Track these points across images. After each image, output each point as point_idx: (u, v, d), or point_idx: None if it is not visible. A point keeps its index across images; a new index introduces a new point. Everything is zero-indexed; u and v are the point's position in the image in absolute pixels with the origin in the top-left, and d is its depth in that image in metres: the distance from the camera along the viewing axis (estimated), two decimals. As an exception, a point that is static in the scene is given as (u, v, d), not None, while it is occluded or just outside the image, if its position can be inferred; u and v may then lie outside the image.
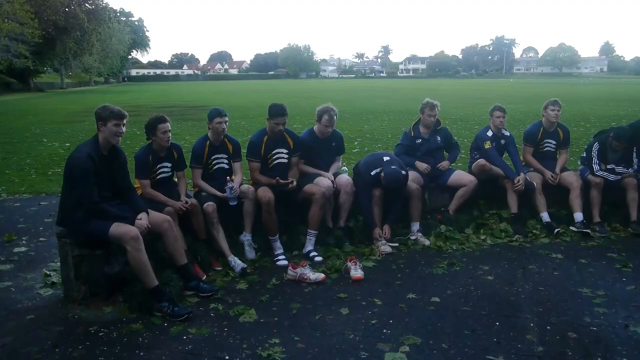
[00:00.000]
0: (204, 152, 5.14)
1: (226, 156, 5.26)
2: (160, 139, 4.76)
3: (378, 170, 5.39)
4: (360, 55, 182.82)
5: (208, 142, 5.17)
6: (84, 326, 3.80)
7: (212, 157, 5.18)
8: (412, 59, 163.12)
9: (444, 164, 6.02)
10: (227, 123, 5.15)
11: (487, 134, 6.14)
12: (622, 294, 4.25)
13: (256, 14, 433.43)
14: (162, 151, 4.88)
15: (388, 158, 5.49)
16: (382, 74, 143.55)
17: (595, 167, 5.95)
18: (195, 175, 5.16)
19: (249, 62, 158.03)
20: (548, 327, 3.69)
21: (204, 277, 4.58)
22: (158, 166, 4.90)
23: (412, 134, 6.10)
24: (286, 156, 5.40)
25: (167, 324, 3.80)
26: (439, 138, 6.13)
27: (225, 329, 3.72)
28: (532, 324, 3.74)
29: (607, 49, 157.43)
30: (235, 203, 4.99)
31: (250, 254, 5.09)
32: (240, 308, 4.03)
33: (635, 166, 5.93)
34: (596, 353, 3.34)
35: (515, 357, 3.30)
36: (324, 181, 5.38)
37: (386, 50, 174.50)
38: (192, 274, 4.38)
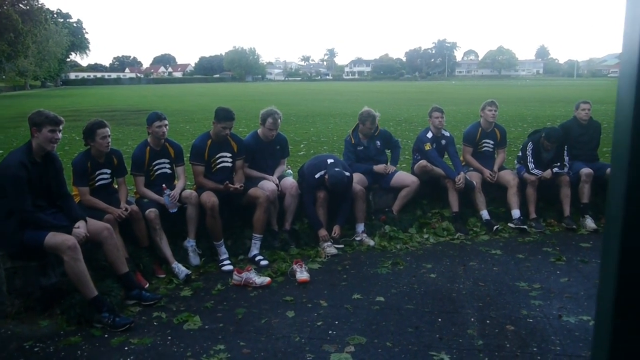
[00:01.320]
0: (144, 159, 5.03)
1: (168, 161, 5.16)
2: (99, 144, 4.63)
3: (322, 172, 5.43)
4: (306, 58, 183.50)
5: (148, 147, 5.06)
6: (17, 342, 3.64)
7: (154, 163, 5.08)
8: (358, 61, 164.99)
9: (390, 168, 6.09)
10: (168, 127, 5.06)
11: (427, 135, 6.29)
12: (556, 286, 4.44)
13: (200, 16, 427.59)
14: (101, 157, 4.75)
15: (332, 160, 5.53)
16: (328, 77, 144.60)
17: (531, 165, 6.19)
18: (137, 183, 5.04)
19: (193, 65, 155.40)
20: (487, 321, 3.81)
21: (147, 285, 4.48)
22: (97, 172, 4.76)
23: (353, 141, 6.16)
24: (230, 160, 5.36)
25: (108, 335, 3.69)
26: (378, 143, 6.21)
27: (169, 338, 3.65)
28: (472, 319, 3.85)
29: (542, 52, 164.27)
30: (175, 210, 4.91)
31: (195, 260, 5.01)
32: (184, 315, 3.96)
33: (567, 164, 6.21)
34: (532, 343, 3.48)
35: (456, 351, 3.39)
36: (268, 185, 5.37)
37: (332, 53, 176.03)
38: (134, 283, 4.27)
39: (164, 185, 4.93)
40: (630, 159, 0.85)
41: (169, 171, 5.17)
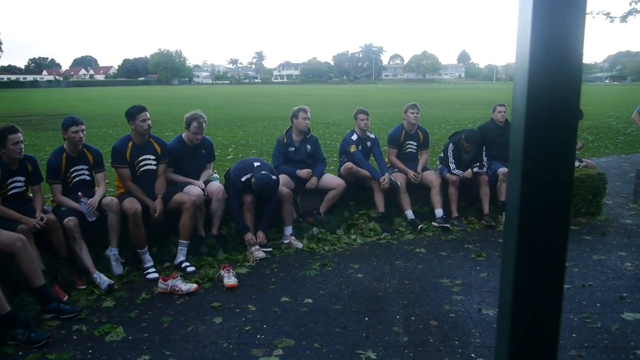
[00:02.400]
0: (60, 165, 4.80)
1: (87, 167, 4.96)
2: (10, 150, 4.38)
3: (249, 176, 5.40)
4: (234, 61, 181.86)
5: (65, 153, 4.83)
6: None
7: (71, 170, 4.86)
8: (286, 65, 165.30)
9: (312, 181, 6.09)
10: (85, 132, 4.86)
11: (352, 137, 6.40)
12: (477, 281, 4.63)
13: (123, 16, 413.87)
14: (13, 164, 4.49)
15: (259, 164, 5.51)
16: (256, 80, 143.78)
17: (452, 166, 6.43)
18: (54, 192, 4.80)
19: (116, 67, 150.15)
20: (412, 318, 3.92)
21: (65, 297, 4.27)
22: (9, 180, 4.50)
23: (285, 141, 6.18)
24: (154, 162, 5.21)
25: (23, 352, 3.49)
26: (309, 146, 6.26)
27: (90, 351, 3.50)
28: (398, 316, 3.95)
29: (464, 57, 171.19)
30: (94, 219, 4.72)
31: (117, 269, 4.83)
32: (107, 327, 3.81)
33: (485, 164, 6.49)
34: (454, 337, 3.61)
35: (382, 349, 3.46)
36: (194, 189, 5.28)
37: (260, 56, 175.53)
38: (52, 295, 4.06)
39: (80, 193, 4.73)
40: (524, 158, 0.91)
41: (87, 178, 4.96)
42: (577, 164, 7.08)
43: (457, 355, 3.39)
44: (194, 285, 4.49)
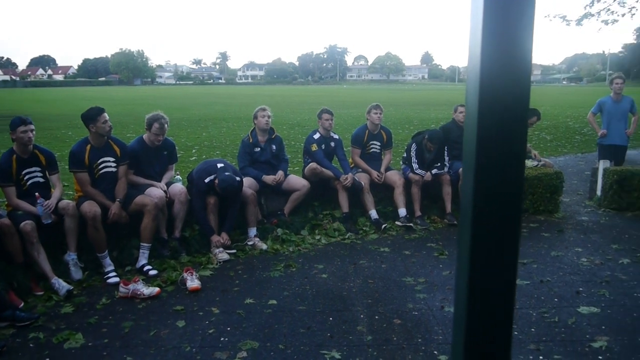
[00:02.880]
0: (11, 168, 4.64)
1: (39, 169, 4.81)
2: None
3: (212, 177, 5.34)
4: (197, 62, 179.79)
5: (14, 155, 4.67)
6: None
7: (24, 172, 4.71)
8: (251, 65, 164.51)
9: (278, 176, 6.08)
10: (34, 132, 4.69)
11: (314, 136, 6.43)
12: (439, 279, 4.69)
13: (83, 16, 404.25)
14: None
15: (222, 165, 5.47)
16: (220, 81, 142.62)
17: (415, 166, 6.50)
18: (8, 195, 4.65)
19: (76, 67, 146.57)
20: (376, 317, 3.95)
21: (22, 304, 4.14)
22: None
23: (251, 141, 6.15)
24: (114, 165, 5.10)
25: (-24, 361, 3.38)
26: (274, 147, 6.24)
27: (47, 359, 3.41)
28: (362, 316, 3.97)
29: (427, 58, 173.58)
30: (49, 221, 4.59)
31: (77, 274, 4.71)
32: (65, 334, 3.71)
33: (447, 164, 6.59)
34: (417, 335, 3.66)
35: (346, 348, 3.48)
36: (155, 191, 5.19)
37: (224, 56, 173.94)
38: (6, 303, 3.94)
39: (37, 193, 4.60)
40: (476, 158, 0.92)
41: (42, 180, 4.82)
42: (535, 163, 7.25)
43: (420, 353, 3.43)
44: (156, 289, 4.42)
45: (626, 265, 5.03)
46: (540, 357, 3.35)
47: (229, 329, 3.79)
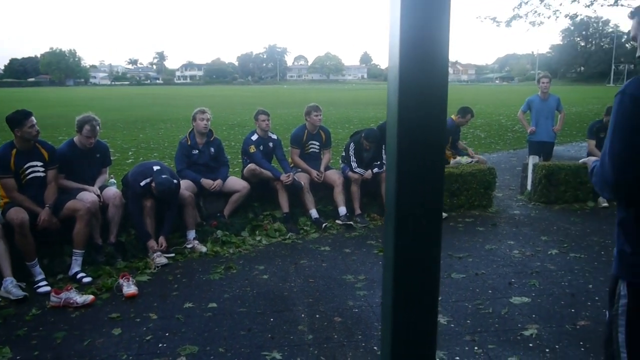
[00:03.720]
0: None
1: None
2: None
3: (148, 180, 5.21)
4: (134, 62, 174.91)
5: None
6: None
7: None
8: (189, 65, 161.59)
9: (218, 182, 5.98)
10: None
11: (252, 138, 6.39)
12: (379, 276, 4.76)
13: (9, 14, 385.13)
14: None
15: (158, 167, 5.34)
16: (158, 81, 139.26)
17: (354, 164, 6.58)
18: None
19: (2, 67, 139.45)
20: (317, 316, 3.97)
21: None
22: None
23: (189, 143, 6.03)
24: (42, 169, 4.86)
25: None
26: (212, 149, 6.14)
27: (-29, 375, 3.23)
28: (303, 315, 3.98)
29: (366, 58, 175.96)
30: None
31: (18, 293, 4.44)
32: (-9, 347, 3.53)
33: (385, 162, 6.70)
34: (357, 332, 3.70)
35: (287, 349, 3.47)
36: (88, 196, 5.01)
37: (161, 56, 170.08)
38: None
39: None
40: (398, 155, 0.94)
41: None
42: (469, 160, 7.49)
43: (360, 349, 3.47)
44: (90, 297, 4.26)
45: (554, 255, 5.27)
46: (476, 348, 3.47)
47: (167, 334, 3.70)
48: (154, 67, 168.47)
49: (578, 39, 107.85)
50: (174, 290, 4.52)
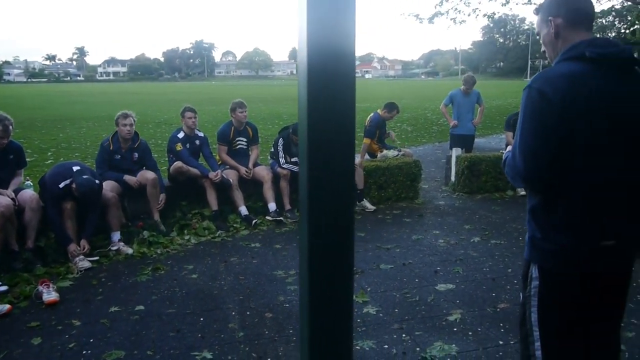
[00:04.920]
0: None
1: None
2: None
3: (68, 181, 4.99)
4: (51, 57, 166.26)
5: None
6: None
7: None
8: (112, 61, 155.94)
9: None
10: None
11: (178, 135, 6.26)
12: (309, 270, 4.79)
13: None
14: None
15: (78, 167, 5.12)
16: (79, 78, 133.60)
17: (282, 160, 6.58)
18: None
19: None
20: (248, 312, 3.95)
21: None
22: None
23: (112, 147, 5.79)
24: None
25: None
26: (136, 154, 5.92)
27: None
28: (233, 313, 3.95)
29: (295, 54, 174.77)
30: None
31: None
32: None
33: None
34: (289, 327, 3.71)
35: (218, 347, 3.44)
36: (1, 199, 4.73)
37: (82, 51, 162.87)
38: None
39: None
40: (308, 149, 0.95)
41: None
42: (395, 153, 7.67)
43: (291, 344, 3.48)
44: (7, 306, 4.03)
45: (477, 243, 5.50)
46: (403, 335, 3.56)
47: (92, 340, 3.57)
48: (74, 63, 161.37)
49: (497, 35, 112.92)
50: (98, 294, 4.36)
